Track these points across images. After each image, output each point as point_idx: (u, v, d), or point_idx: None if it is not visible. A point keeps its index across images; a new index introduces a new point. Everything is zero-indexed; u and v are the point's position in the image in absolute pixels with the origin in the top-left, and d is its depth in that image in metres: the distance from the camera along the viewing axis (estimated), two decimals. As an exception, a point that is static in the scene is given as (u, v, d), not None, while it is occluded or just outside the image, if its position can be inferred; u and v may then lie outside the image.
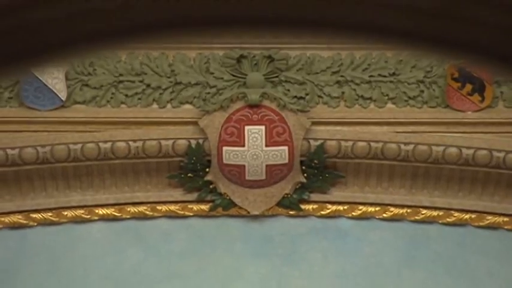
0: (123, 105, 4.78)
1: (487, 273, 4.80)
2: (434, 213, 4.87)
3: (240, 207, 4.84)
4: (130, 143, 4.72)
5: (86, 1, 1.51)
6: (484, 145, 4.74)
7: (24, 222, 4.82)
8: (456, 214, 4.82)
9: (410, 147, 4.75)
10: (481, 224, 4.86)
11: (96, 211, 4.81)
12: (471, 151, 4.72)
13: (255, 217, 4.85)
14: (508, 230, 4.87)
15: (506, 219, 4.87)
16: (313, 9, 1.67)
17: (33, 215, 4.80)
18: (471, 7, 1.55)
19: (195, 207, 4.88)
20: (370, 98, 4.78)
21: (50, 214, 4.81)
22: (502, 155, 4.71)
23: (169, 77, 4.78)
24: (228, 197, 4.81)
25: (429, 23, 1.62)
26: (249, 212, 4.84)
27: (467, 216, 4.83)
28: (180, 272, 4.88)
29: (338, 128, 4.76)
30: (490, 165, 4.75)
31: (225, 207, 4.85)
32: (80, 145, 4.73)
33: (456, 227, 4.85)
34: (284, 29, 1.76)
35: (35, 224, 4.83)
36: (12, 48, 1.65)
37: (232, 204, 4.82)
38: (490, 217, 4.87)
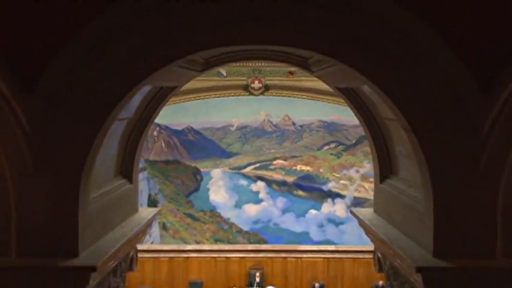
0: (233, 77, 28.28)
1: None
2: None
3: (253, 94, 28.47)
4: (234, 82, 28.29)
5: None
6: (298, 88, 28.40)
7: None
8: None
9: (280, 88, 28.45)
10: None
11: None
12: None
13: (256, 95, 28.65)
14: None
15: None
16: (276, 56, 9.48)
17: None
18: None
19: (245, 93, 28.55)
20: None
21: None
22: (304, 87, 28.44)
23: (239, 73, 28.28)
24: (252, 92, 28.52)
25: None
26: (255, 94, 28.61)
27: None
28: (233, 104, 28.79)
29: (276, 81, 28.42)
30: (298, 88, 28.45)
31: (250, 93, 28.55)
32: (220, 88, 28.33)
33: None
34: (264, 59, 9.29)
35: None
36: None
37: (252, 93, 28.51)
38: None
